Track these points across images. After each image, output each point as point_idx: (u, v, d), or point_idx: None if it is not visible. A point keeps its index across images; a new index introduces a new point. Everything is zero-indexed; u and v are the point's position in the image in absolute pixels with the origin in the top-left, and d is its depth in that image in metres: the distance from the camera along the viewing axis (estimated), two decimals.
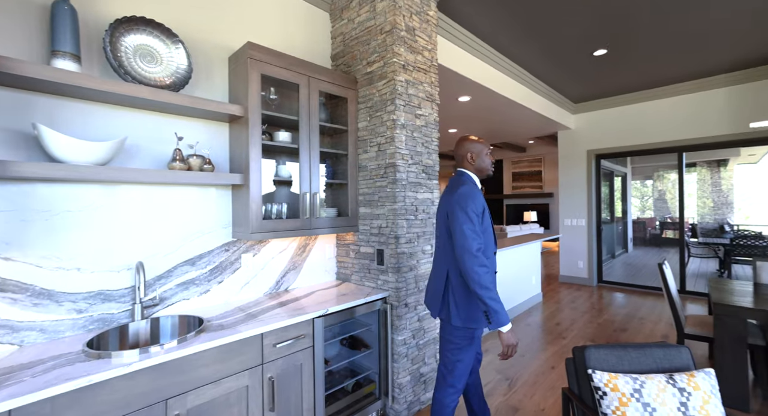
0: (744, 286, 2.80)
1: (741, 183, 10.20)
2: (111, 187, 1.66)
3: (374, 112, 2.43)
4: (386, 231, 2.36)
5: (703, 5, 2.92)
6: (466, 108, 4.78)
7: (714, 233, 9.85)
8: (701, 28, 3.32)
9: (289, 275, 2.42)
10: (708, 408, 1.37)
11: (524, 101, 4.65)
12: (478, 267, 1.53)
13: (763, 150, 8.88)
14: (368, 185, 2.48)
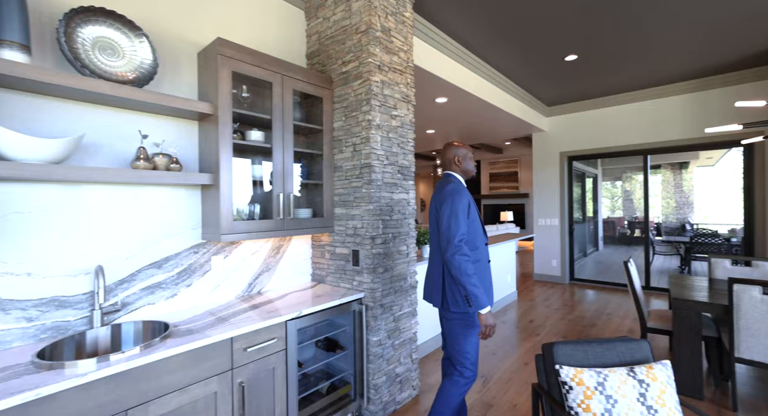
0: (700, 282, 2.95)
1: (700, 184, 10.76)
2: (68, 187, 1.58)
3: (350, 112, 2.42)
4: (362, 232, 2.35)
5: (662, 23, 3.05)
6: (443, 109, 4.83)
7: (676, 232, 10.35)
8: (661, 41, 3.48)
9: (263, 277, 2.38)
10: (664, 398, 1.43)
11: (500, 104, 4.74)
12: (459, 256, 1.70)
13: (720, 153, 9.41)
14: (344, 185, 2.47)
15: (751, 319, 2.17)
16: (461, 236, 1.72)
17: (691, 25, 3.25)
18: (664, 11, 3.00)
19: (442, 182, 1.96)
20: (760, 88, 4.34)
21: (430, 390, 2.64)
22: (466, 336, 1.83)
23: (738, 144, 4.59)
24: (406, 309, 2.53)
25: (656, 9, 2.97)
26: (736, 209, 10.19)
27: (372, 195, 2.30)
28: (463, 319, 1.82)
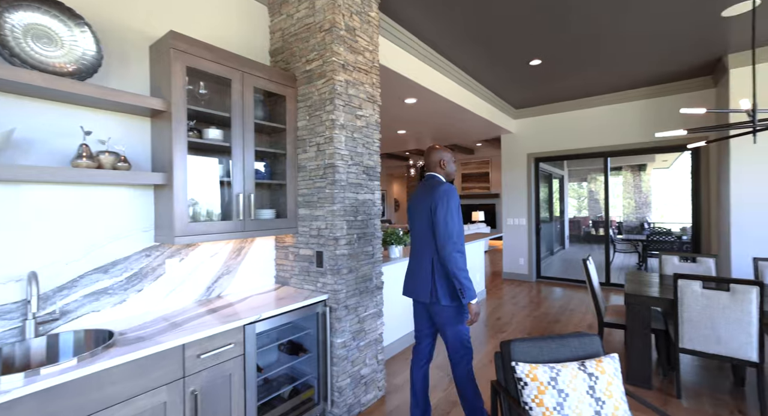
0: (653, 278, 3.11)
1: (657, 185, 11.37)
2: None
3: (313, 112, 2.38)
4: (325, 233, 2.32)
5: (619, 34, 3.20)
6: (413, 110, 4.86)
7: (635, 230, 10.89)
8: (619, 51, 3.64)
9: (223, 280, 2.30)
10: (611, 389, 1.49)
11: (468, 106, 4.82)
12: (456, 252, 1.86)
13: (674, 156, 9.97)
14: (308, 186, 2.43)
15: (693, 312, 2.30)
16: (459, 233, 1.89)
17: (645, 37, 3.42)
18: (621, 23, 3.14)
19: (429, 182, 2.06)
20: (704, 97, 4.62)
21: (396, 391, 2.65)
22: (461, 323, 2.00)
23: (686, 148, 4.87)
24: (371, 310, 2.52)
25: (614, 21, 3.10)
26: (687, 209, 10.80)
27: (336, 195, 2.27)
28: (456, 309, 1.97)
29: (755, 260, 2.93)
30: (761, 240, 3.71)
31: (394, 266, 3.30)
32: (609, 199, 5.67)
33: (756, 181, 3.73)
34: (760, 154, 3.70)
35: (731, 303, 2.17)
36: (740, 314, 2.15)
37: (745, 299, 2.13)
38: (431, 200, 1.95)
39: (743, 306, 2.14)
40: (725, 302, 2.19)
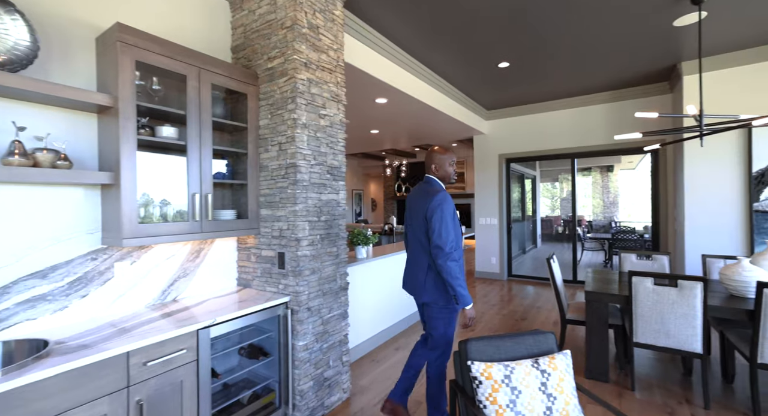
0: (613, 275, 3.22)
1: (623, 185, 11.83)
2: None
3: (275, 110, 2.33)
4: (287, 234, 2.28)
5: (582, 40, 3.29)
6: (385, 110, 4.85)
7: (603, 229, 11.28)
8: (582, 56, 3.75)
9: (180, 283, 2.23)
10: (563, 385, 1.53)
11: (440, 106, 4.85)
12: (450, 262, 1.90)
13: (638, 158, 10.38)
14: (269, 186, 2.38)
15: (645, 307, 2.40)
16: (452, 243, 1.92)
17: (605, 43, 3.53)
18: (581, 29, 3.23)
19: (425, 186, 2.14)
20: (662, 101, 4.83)
21: (362, 392, 2.63)
22: (449, 323, 2.08)
23: (643, 150, 5.08)
24: (336, 311, 2.49)
25: (575, 27, 3.19)
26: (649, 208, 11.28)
27: (298, 195, 2.23)
28: (445, 309, 2.05)
29: (704, 257, 3.08)
30: (712, 237, 3.91)
31: (362, 267, 3.28)
32: (576, 199, 5.84)
33: (707, 182, 3.92)
34: (711, 157, 3.89)
35: (679, 298, 2.27)
36: (687, 309, 2.25)
37: (690, 294, 2.23)
38: (426, 207, 2.00)
39: (689, 301, 2.24)
40: (674, 297, 2.29)
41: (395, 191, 12.50)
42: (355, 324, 3.21)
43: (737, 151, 3.76)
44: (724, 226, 3.83)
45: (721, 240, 3.85)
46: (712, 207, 3.90)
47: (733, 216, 3.78)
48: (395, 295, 3.82)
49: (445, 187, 2.15)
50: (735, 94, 3.78)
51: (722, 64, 3.84)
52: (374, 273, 3.48)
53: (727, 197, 3.81)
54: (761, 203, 3.59)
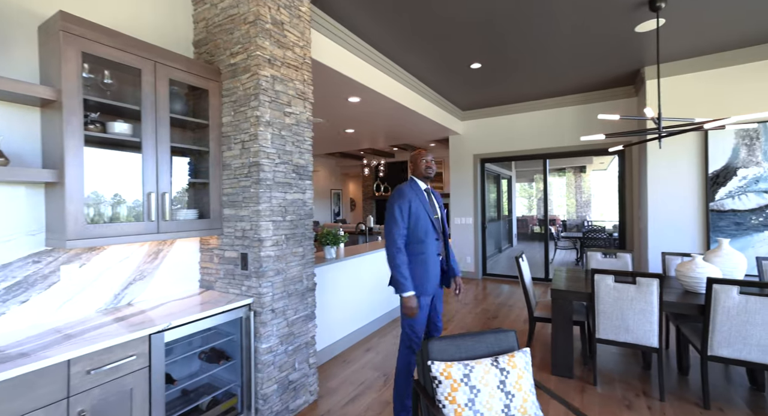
0: (580, 273, 3.30)
1: (595, 186, 12.20)
2: None
3: (238, 107, 2.27)
4: (250, 234, 2.22)
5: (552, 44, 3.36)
6: (359, 109, 4.82)
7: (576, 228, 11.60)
8: (552, 59, 3.83)
9: (136, 286, 2.13)
10: (521, 383, 1.54)
11: (415, 106, 4.86)
12: (394, 249, 2.06)
13: (609, 159, 10.72)
14: (232, 185, 2.31)
15: (607, 304, 2.46)
16: (397, 232, 2.07)
17: (572, 47, 3.62)
18: (549, 33, 3.30)
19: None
20: (628, 104, 4.99)
21: (330, 394, 2.59)
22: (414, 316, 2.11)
23: (608, 152, 5.24)
24: (302, 312, 2.45)
25: (543, 30, 3.25)
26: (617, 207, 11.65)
27: (261, 195, 2.18)
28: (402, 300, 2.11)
29: (663, 254, 3.20)
30: (673, 235, 4.06)
31: (332, 267, 3.24)
32: (548, 199, 5.97)
33: (668, 182, 4.08)
34: (671, 159, 4.05)
35: (637, 295, 2.34)
36: (644, 304, 2.32)
37: (648, 291, 2.31)
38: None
39: (647, 298, 2.31)
40: (632, 294, 2.36)
41: (374, 191, 12.48)
42: (324, 325, 3.16)
43: (695, 153, 3.92)
44: (684, 225, 3.99)
45: (681, 238, 4.01)
46: (672, 206, 4.05)
47: (691, 215, 3.94)
48: (368, 295, 3.80)
49: (424, 181, 2.29)
50: (693, 98, 3.94)
51: (681, 69, 3.99)
52: (345, 274, 3.45)
53: (686, 197, 3.97)
54: (716, 202, 3.76)
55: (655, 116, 2.65)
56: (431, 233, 2.15)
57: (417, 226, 2.13)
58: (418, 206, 2.15)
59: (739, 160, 3.62)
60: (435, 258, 2.15)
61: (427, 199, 2.22)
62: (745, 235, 3.59)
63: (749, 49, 3.65)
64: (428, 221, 2.15)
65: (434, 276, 2.15)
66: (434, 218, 2.19)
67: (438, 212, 2.27)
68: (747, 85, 3.68)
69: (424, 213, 2.15)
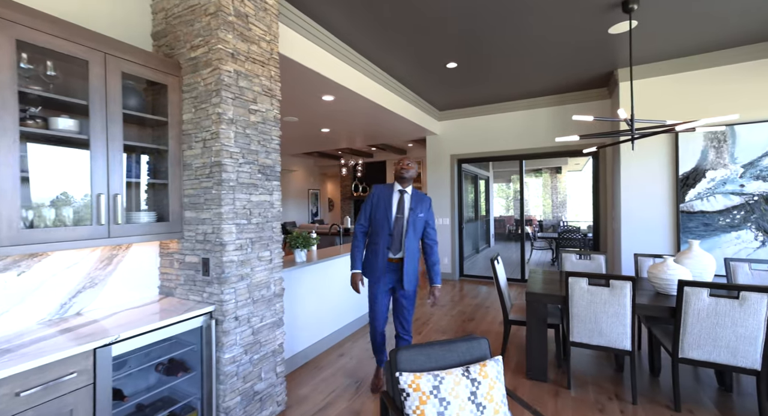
0: (556, 275, 3.29)
1: (571, 186, 12.46)
2: None
3: (199, 104, 2.14)
4: (212, 238, 2.09)
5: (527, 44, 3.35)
6: (333, 108, 4.72)
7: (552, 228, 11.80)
8: (527, 60, 3.83)
9: (85, 294, 1.98)
10: (492, 393, 1.49)
11: (391, 106, 4.79)
12: (353, 236, 2.55)
13: (584, 160, 10.95)
14: (193, 186, 2.18)
15: (581, 307, 2.45)
16: (358, 221, 2.55)
17: (546, 48, 3.63)
18: (524, 33, 3.29)
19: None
20: (602, 106, 5.07)
21: (300, 403, 2.49)
22: (369, 295, 2.55)
23: (582, 153, 5.32)
24: (268, 319, 2.33)
25: (518, 30, 3.24)
26: None
27: (224, 196, 2.06)
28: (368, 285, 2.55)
29: (636, 256, 3.23)
30: (645, 236, 4.13)
31: (302, 270, 3.13)
32: (524, 199, 6.00)
33: (641, 183, 4.15)
34: (644, 160, 4.12)
35: (611, 297, 2.34)
36: (618, 307, 2.32)
37: (621, 293, 2.30)
38: None
39: (620, 300, 2.31)
40: (606, 297, 2.35)
41: (352, 191, 12.36)
42: (294, 331, 3.05)
43: (666, 154, 4.00)
44: (656, 226, 4.06)
45: (653, 239, 4.08)
46: (644, 207, 4.12)
47: (663, 216, 4.02)
48: (341, 299, 3.71)
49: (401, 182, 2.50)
50: (664, 101, 4.01)
51: (653, 72, 4.07)
52: (317, 277, 3.34)
53: (658, 198, 4.05)
54: (686, 204, 3.84)
55: (628, 118, 2.66)
56: (385, 228, 2.43)
57: (375, 221, 2.48)
58: (381, 203, 2.47)
59: (708, 162, 3.71)
60: (384, 251, 2.43)
61: (394, 200, 2.47)
62: (713, 236, 3.68)
63: (719, 53, 3.74)
64: (384, 217, 2.44)
65: (380, 264, 2.44)
66: (395, 217, 2.44)
67: (405, 213, 2.45)
68: (717, 88, 3.77)
69: (383, 210, 2.45)
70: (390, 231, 2.42)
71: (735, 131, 3.61)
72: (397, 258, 2.44)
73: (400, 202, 2.46)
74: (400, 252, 2.44)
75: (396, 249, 2.43)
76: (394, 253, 2.44)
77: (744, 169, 3.56)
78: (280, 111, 4.86)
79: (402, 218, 2.43)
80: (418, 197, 2.49)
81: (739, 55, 3.68)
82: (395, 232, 2.42)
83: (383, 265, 2.43)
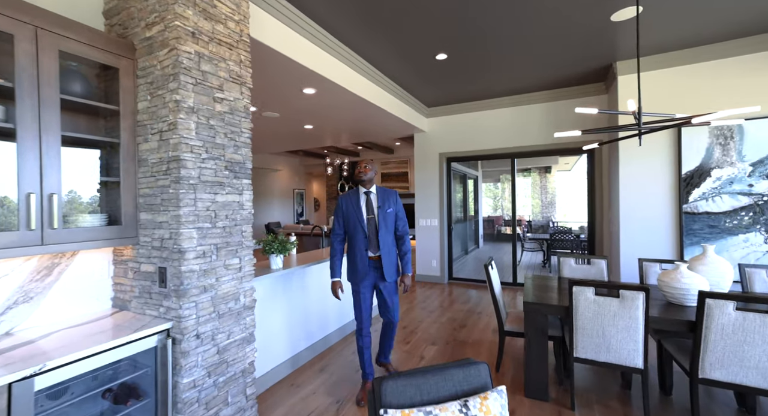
0: (552, 281, 3.08)
1: (560, 186, 12.38)
2: None
3: (156, 90, 1.86)
4: (169, 244, 1.81)
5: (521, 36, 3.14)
6: (315, 102, 4.44)
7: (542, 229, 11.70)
8: (519, 50, 3.62)
9: (18, 310, 1.68)
10: None
11: (377, 101, 4.54)
12: (330, 245, 2.61)
13: (574, 159, 10.86)
14: (150, 184, 1.89)
15: (586, 320, 2.23)
16: (333, 232, 2.61)
17: (542, 38, 3.42)
18: (519, 23, 3.07)
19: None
20: (599, 102, 4.90)
21: None
22: (355, 300, 2.59)
23: (582, 150, 5.15)
24: (237, 335, 2.06)
25: (513, 19, 3.02)
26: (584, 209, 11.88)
27: (182, 196, 1.78)
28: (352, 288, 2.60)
29: (640, 261, 3.04)
30: (646, 239, 3.96)
31: (278, 278, 2.85)
32: (516, 199, 5.80)
33: (641, 183, 3.97)
34: (644, 158, 3.95)
35: (621, 309, 2.13)
36: (629, 321, 2.11)
37: (632, 305, 2.09)
38: None
39: (631, 313, 2.10)
40: (615, 309, 2.14)
41: (338, 190, 12.08)
42: (269, 345, 2.77)
43: (668, 152, 3.83)
44: (657, 227, 3.90)
45: (654, 242, 3.91)
46: (645, 207, 3.95)
47: (664, 217, 3.85)
48: (322, 308, 3.44)
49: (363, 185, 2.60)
50: (667, 95, 3.84)
51: (657, 64, 3.88)
52: (295, 285, 3.07)
53: (659, 198, 3.88)
54: (690, 204, 3.67)
55: (636, 110, 2.45)
56: (359, 231, 2.51)
57: (348, 227, 2.56)
58: (350, 210, 2.56)
59: (714, 160, 3.54)
60: (363, 253, 2.51)
61: (362, 203, 2.56)
62: (720, 239, 3.51)
63: (727, 43, 3.55)
64: (356, 222, 2.52)
65: (361, 266, 2.51)
66: (366, 219, 2.52)
67: (375, 213, 2.55)
68: (724, 82, 3.59)
69: (354, 216, 2.54)
70: (365, 234, 2.51)
71: (743, 127, 3.45)
72: (377, 255, 2.55)
73: (368, 203, 2.56)
74: (378, 250, 2.54)
75: (374, 247, 2.54)
76: (374, 252, 2.55)
77: (753, 168, 3.40)
78: (260, 106, 4.56)
79: (373, 218, 2.55)
80: (384, 193, 2.62)
81: (751, 45, 3.50)
82: (369, 233, 2.53)
83: (365, 266, 2.53)
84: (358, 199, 2.57)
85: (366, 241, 2.51)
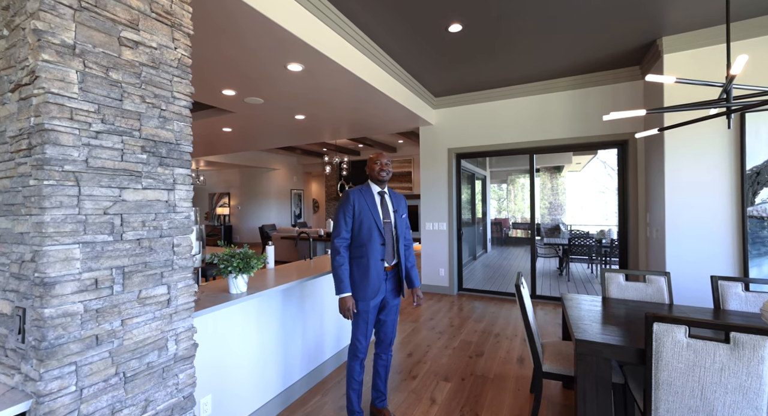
0: (595, 304, 2.38)
1: (570, 188, 11.70)
2: None
3: (14, 18, 1.16)
4: (29, 271, 1.11)
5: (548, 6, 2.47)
6: (304, 83, 3.74)
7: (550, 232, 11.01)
8: (545, 24, 2.95)
9: None
10: None
11: (378, 84, 3.86)
12: (334, 252, 2.06)
13: (586, 159, 10.18)
14: (8, 170, 1.20)
15: (675, 371, 1.53)
16: (338, 235, 2.07)
17: (575, 10, 2.74)
18: None
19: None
20: (633, 89, 4.21)
21: None
22: (354, 323, 2.10)
23: (613, 145, 4.46)
24: (162, 404, 1.36)
25: None
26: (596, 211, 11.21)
27: (49, 192, 1.08)
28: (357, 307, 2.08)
29: (714, 279, 2.34)
30: (697, 247, 3.26)
31: (239, 307, 2.11)
32: (535, 201, 5.10)
33: (691, 182, 3.29)
34: (695, 152, 3.26)
35: (732, 361, 1.43)
36: (746, 378, 1.41)
37: (753, 356, 1.39)
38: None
39: (750, 368, 1.40)
40: (723, 360, 1.44)
41: (338, 191, 11.39)
42: (227, 396, 2.06)
43: (727, 144, 3.15)
44: (711, 235, 3.20)
45: (708, 252, 3.22)
46: (697, 211, 3.26)
47: (723, 222, 3.16)
48: (304, 339, 2.72)
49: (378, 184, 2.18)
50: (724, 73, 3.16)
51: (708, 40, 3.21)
52: (265, 314, 2.31)
53: (716, 199, 3.19)
54: (756, 207, 2.99)
55: (729, 79, 1.77)
56: (376, 238, 2.08)
57: (360, 230, 2.08)
58: (364, 210, 2.09)
59: None
60: (378, 263, 2.07)
61: (377, 203, 2.14)
62: None
63: None
64: (373, 226, 2.08)
65: (375, 281, 2.06)
66: (383, 222, 2.12)
67: (391, 217, 2.17)
68: None
69: (370, 218, 2.09)
70: (383, 241, 2.09)
71: None
72: (392, 265, 2.17)
73: (383, 204, 2.17)
74: (394, 259, 2.17)
75: (390, 257, 2.15)
76: (389, 262, 2.15)
77: None
78: (239, 89, 3.84)
79: (390, 223, 2.17)
80: (396, 197, 2.29)
81: None
82: (387, 240, 2.12)
83: (380, 279, 2.08)
84: (373, 198, 2.15)
85: (382, 250, 2.08)
